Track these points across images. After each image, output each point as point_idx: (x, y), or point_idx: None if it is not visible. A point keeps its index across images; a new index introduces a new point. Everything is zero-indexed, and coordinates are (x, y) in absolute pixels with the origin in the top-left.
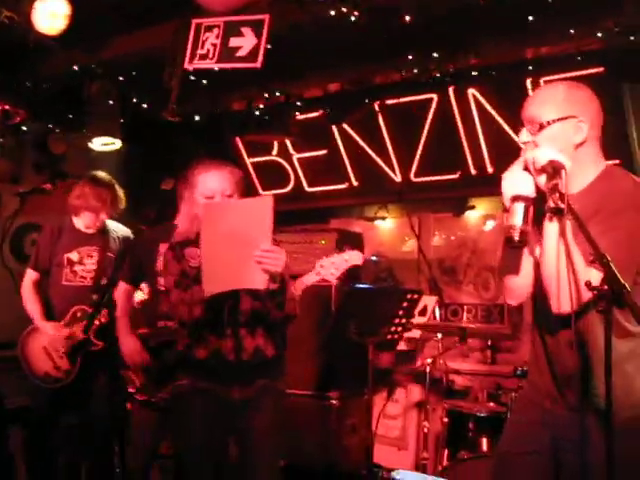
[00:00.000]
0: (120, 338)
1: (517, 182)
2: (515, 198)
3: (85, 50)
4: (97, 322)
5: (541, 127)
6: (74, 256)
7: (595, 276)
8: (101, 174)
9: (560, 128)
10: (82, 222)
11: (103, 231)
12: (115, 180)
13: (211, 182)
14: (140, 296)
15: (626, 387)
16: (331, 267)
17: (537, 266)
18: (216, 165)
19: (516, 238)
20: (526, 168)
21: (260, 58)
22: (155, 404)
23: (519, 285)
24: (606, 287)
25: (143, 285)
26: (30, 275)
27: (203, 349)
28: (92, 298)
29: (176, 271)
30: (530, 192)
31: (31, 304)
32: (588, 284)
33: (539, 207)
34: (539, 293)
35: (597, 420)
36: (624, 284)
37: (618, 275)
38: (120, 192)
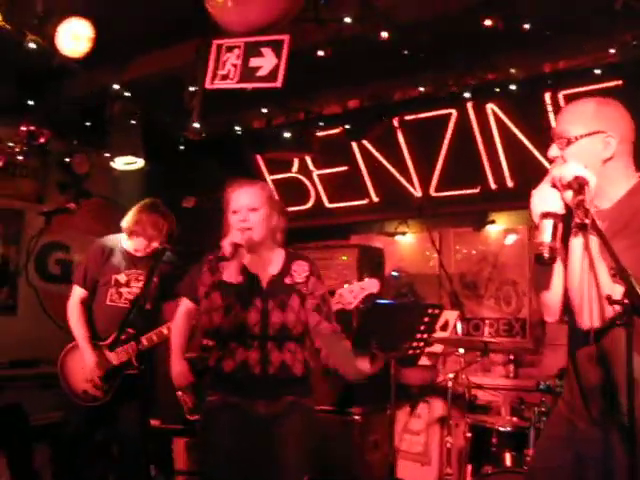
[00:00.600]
0: (172, 360)
1: (545, 199)
2: (544, 215)
3: (107, 71)
4: (127, 354)
5: (569, 142)
6: (122, 278)
7: (618, 291)
8: (157, 202)
9: (588, 143)
10: (133, 245)
11: (153, 256)
12: (139, 199)
13: (239, 198)
14: None
15: None
16: (349, 296)
17: (566, 281)
18: (247, 182)
19: (545, 255)
20: (554, 184)
21: (280, 78)
22: None
23: (553, 301)
24: (627, 301)
25: None
26: (78, 293)
27: (231, 361)
28: (136, 321)
29: (208, 282)
30: (558, 209)
31: (77, 325)
32: (609, 298)
33: (569, 223)
34: (567, 307)
35: (620, 437)
36: None
37: (638, 289)
38: (174, 221)
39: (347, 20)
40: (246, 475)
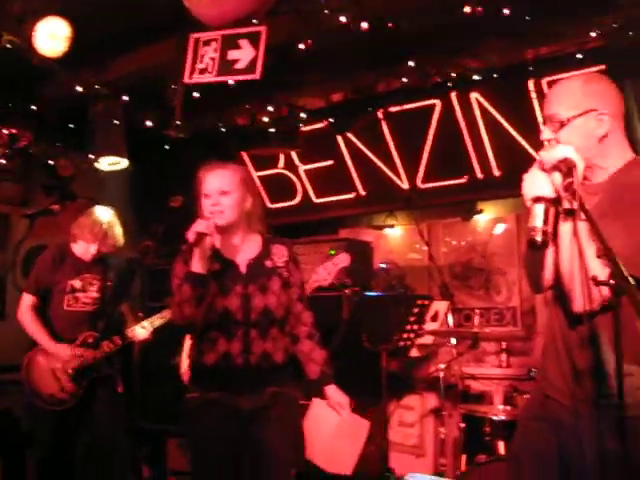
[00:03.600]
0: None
1: (536, 183)
2: (535, 199)
3: (88, 70)
4: (109, 348)
5: (562, 124)
6: (77, 283)
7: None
8: (103, 208)
9: (581, 123)
10: (77, 250)
11: (101, 260)
12: (124, 199)
13: (210, 182)
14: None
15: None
16: (324, 272)
17: (556, 262)
18: (219, 165)
19: (538, 239)
20: (543, 168)
21: (259, 69)
22: None
23: (545, 280)
24: (613, 282)
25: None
26: (28, 300)
27: (212, 354)
28: (97, 324)
29: (181, 274)
30: (549, 192)
31: (35, 328)
32: (594, 279)
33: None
34: (557, 288)
35: (608, 418)
36: (628, 278)
37: (623, 269)
38: (117, 230)
39: (326, 11)
40: (236, 472)
